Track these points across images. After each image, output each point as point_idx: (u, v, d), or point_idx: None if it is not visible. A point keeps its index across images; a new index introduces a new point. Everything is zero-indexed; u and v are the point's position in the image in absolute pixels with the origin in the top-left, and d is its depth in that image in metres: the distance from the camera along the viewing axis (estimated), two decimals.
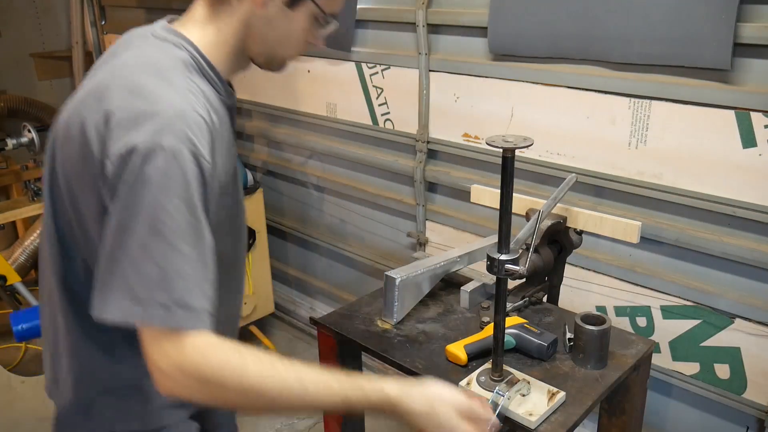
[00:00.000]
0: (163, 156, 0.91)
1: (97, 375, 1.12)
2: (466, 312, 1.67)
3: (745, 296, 1.83)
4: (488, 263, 1.22)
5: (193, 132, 0.95)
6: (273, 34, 1.13)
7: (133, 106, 0.94)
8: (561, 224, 1.64)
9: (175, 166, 0.91)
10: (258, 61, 1.19)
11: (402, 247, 2.75)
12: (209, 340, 0.93)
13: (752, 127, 1.68)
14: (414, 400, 1.04)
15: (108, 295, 0.91)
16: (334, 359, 1.64)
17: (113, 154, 0.92)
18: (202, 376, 0.92)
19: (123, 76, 0.99)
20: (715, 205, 1.79)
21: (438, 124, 2.41)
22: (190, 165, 0.93)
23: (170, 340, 0.91)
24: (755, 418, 1.89)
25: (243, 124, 3.31)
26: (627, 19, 1.78)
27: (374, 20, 2.50)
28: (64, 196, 1.03)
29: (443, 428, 1.05)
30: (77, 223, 1.03)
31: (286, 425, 2.71)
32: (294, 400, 0.97)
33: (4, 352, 3.26)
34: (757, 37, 1.61)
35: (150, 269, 0.90)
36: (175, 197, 0.91)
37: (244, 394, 0.95)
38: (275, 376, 0.96)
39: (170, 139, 0.92)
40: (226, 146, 1.12)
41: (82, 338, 1.10)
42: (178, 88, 0.99)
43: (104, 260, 0.93)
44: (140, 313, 0.90)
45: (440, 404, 1.06)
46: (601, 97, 1.93)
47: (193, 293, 0.92)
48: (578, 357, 1.42)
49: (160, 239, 0.90)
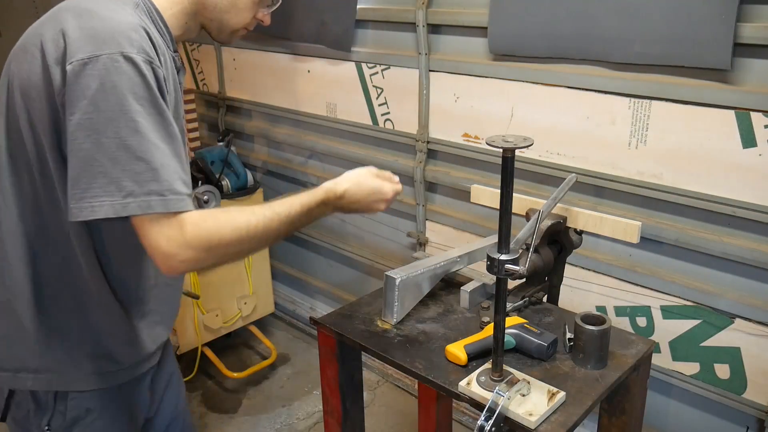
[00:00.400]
0: (126, 63, 0.99)
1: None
2: (466, 312, 1.67)
3: (745, 296, 1.83)
4: (488, 263, 1.22)
5: (146, 45, 1.04)
6: (223, 1, 1.23)
7: (89, 24, 1.03)
8: (561, 224, 1.64)
9: (136, 72, 1.00)
10: (210, 28, 1.28)
11: (402, 247, 2.75)
12: (197, 214, 1.05)
13: (752, 127, 1.68)
14: (341, 182, 1.28)
15: (91, 196, 0.99)
16: (334, 359, 1.64)
17: (73, 63, 0.99)
18: (206, 243, 1.04)
19: (77, 4, 1.08)
20: (715, 205, 1.79)
21: (438, 124, 2.41)
22: (149, 72, 1.02)
23: (170, 224, 1.02)
24: (755, 418, 1.89)
25: (243, 124, 3.32)
26: (627, 19, 1.78)
27: (374, 20, 2.50)
28: (18, 110, 1.09)
29: (372, 191, 1.32)
30: (30, 135, 1.09)
31: (286, 425, 2.71)
32: (275, 226, 1.14)
33: None
34: (757, 37, 1.61)
35: (136, 165, 0.99)
36: (143, 100, 1.01)
37: (240, 242, 1.09)
38: (256, 215, 1.11)
39: (129, 49, 1.01)
40: (174, 95, 1.17)
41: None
42: (128, 14, 1.08)
43: (79, 164, 0.99)
44: (136, 205, 0.99)
45: (362, 176, 1.32)
46: (601, 97, 1.93)
47: (177, 181, 1.03)
48: (578, 357, 1.42)
49: (139, 137, 0.99)
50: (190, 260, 1.04)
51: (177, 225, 1.02)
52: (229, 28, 1.28)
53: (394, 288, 1.58)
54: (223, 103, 3.36)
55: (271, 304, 3.18)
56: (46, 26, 1.07)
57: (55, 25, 1.05)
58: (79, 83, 0.99)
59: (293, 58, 2.87)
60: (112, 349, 1.25)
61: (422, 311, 1.66)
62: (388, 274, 1.59)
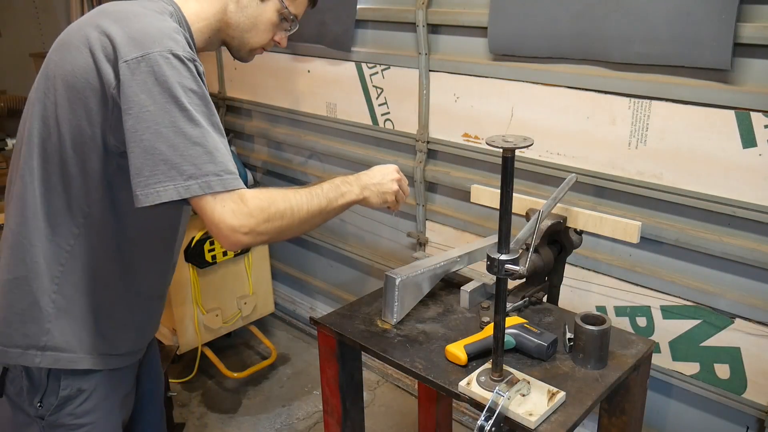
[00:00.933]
0: (175, 60, 1.09)
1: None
2: (466, 312, 1.67)
3: (745, 296, 1.83)
4: (488, 263, 1.22)
5: (188, 46, 1.15)
6: (244, 20, 1.34)
7: (135, 27, 1.12)
8: (561, 224, 1.64)
9: (184, 68, 1.10)
10: (231, 45, 1.38)
11: (402, 247, 2.75)
12: (251, 191, 1.16)
13: (752, 127, 1.68)
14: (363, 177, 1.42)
15: (156, 182, 1.08)
16: (334, 359, 1.64)
17: (128, 62, 1.08)
18: (266, 215, 1.15)
19: (115, 10, 1.18)
20: (715, 205, 1.79)
21: (438, 124, 2.41)
22: (194, 69, 1.13)
23: (232, 198, 1.11)
24: (755, 418, 1.89)
25: (243, 124, 3.31)
26: (627, 19, 1.78)
27: (374, 20, 2.50)
28: (59, 98, 1.17)
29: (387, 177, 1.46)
30: (67, 121, 1.17)
31: (286, 425, 2.71)
32: (317, 204, 1.25)
33: None
34: (757, 37, 1.61)
35: (194, 150, 1.09)
36: (192, 92, 1.10)
37: (292, 215, 1.20)
38: (301, 192, 1.24)
39: (176, 48, 1.10)
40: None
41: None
42: (166, 20, 1.18)
43: (142, 154, 1.08)
44: (198, 186, 1.09)
45: (381, 169, 1.48)
46: (601, 97, 1.93)
47: (229, 162, 1.13)
48: (578, 357, 1.42)
49: (194, 124, 1.09)
50: (254, 231, 1.14)
51: (238, 199, 1.12)
52: (248, 47, 1.38)
53: (394, 288, 1.58)
54: (223, 103, 3.36)
55: (271, 304, 3.18)
56: (87, 29, 1.15)
57: (97, 28, 1.14)
58: (135, 79, 1.08)
59: (293, 58, 2.87)
60: (115, 334, 1.31)
61: (422, 311, 1.66)
62: (388, 274, 1.59)
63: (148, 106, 1.07)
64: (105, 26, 1.13)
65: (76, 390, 1.28)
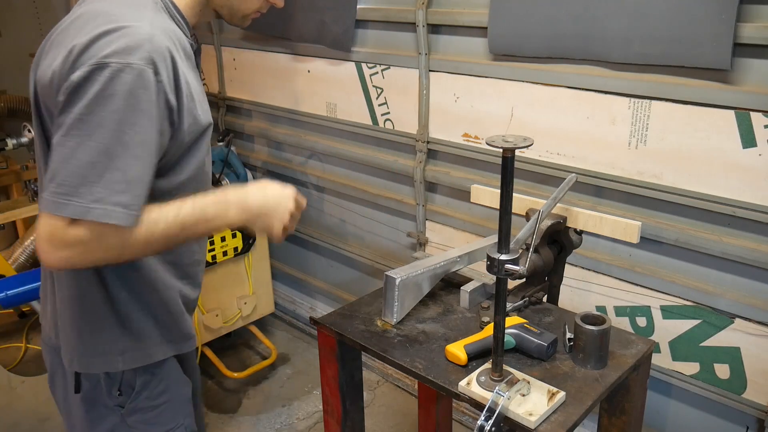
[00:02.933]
0: (129, 75, 1.02)
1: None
2: (466, 312, 1.67)
3: (745, 296, 1.83)
4: (488, 263, 1.22)
5: (157, 57, 1.06)
6: None
7: (103, 29, 1.06)
8: (561, 224, 1.64)
9: (138, 85, 1.03)
10: (222, 13, 1.33)
11: (402, 247, 2.75)
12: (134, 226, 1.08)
13: (752, 127, 1.68)
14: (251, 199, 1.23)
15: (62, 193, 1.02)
16: (334, 359, 1.64)
17: (82, 68, 1.03)
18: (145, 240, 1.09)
19: (96, 7, 1.13)
20: (715, 205, 1.79)
21: (438, 124, 2.41)
22: (152, 86, 1.05)
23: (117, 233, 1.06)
24: (755, 418, 1.89)
25: (243, 124, 3.31)
26: (627, 19, 1.78)
27: (374, 20, 2.50)
28: (38, 101, 1.16)
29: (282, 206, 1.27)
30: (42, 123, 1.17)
31: (286, 425, 2.71)
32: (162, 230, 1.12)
33: (4, 352, 3.26)
34: (757, 37, 1.61)
35: (113, 174, 1.03)
36: (139, 113, 1.04)
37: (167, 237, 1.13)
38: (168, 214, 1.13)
39: (137, 60, 1.03)
40: (194, 86, 1.22)
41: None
42: (146, 18, 1.11)
43: (60, 159, 1.02)
44: (101, 212, 1.02)
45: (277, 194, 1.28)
46: (601, 97, 1.93)
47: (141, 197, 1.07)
48: (578, 357, 1.42)
49: (122, 147, 1.03)
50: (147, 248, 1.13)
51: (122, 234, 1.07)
52: (240, 13, 1.33)
53: (394, 288, 1.58)
54: (223, 103, 3.36)
55: (271, 304, 3.18)
56: (71, 27, 1.13)
57: (77, 25, 1.11)
58: (83, 87, 1.02)
59: (293, 58, 2.87)
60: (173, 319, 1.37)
61: (422, 311, 1.66)
62: (388, 274, 1.59)
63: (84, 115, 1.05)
64: (82, 24, 1.11)
65: (150, 375, 1.34)
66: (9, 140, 2.99)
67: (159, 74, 1.06)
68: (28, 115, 4.06)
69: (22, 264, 3.69)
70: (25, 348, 3.27)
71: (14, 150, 3.05)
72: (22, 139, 3.00)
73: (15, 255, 3.69)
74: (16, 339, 3.36)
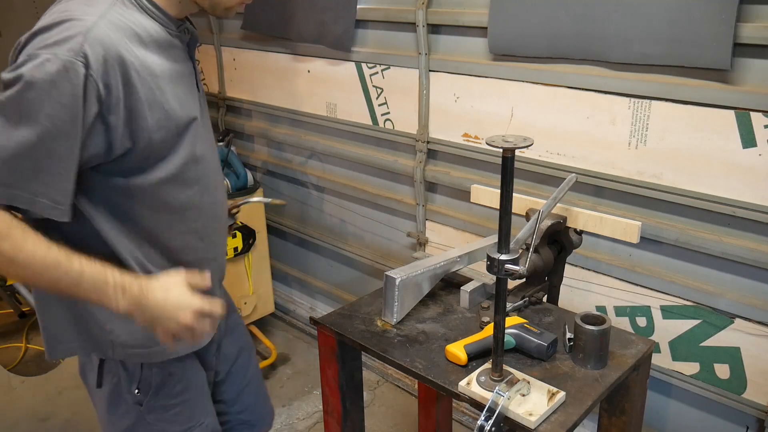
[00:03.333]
0: (55, 64, 1.01)
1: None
2: (466, 312, 1.67)
3: (745, 296, 1.83)
4: (488, 263, 1.22)
5: (91, 50, 1.05)
6: None
7: (47, 22, 1.06)
8: (561, 224, 1.64)
9: (63, 77, 1.02)
10: (203, 5, 1.26)
11: (402, 247, 2.75)
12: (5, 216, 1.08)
13: (752, 127, 1.68)
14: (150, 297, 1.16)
15: None
16: (334, 359, 1.64)
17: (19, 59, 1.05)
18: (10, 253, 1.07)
19: (60, 6, 1.12)
20: (715, 205, 1.79)
21: (438, 124, 2.41)
22: (79, 79, 1.03)
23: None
24: (755, 418, 1.89)
25: (243, 124, 3.31)
26: (627, 19, 1.78)
27: (374, 20, 2.50)
28: None
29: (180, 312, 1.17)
30: None
31: (286, 425, 2.71)
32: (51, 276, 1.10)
33: (4, 352, 3.26)
34: (757, 37, 1.61)
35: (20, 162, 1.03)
36: (57, 106, 1.02)
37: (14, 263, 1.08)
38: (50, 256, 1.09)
39: (65, 52, 1.02)
40: (166, 79, 1.19)
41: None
42: (96, 12, 1.09)
43: None
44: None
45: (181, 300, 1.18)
46: (601, 97, 1.93)
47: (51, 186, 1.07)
48: (578, 357, 1.42)
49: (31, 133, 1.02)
50: None
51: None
52: (222, 6, 1.27)
53: (394, 288, 1.58)
54: (223, 103, 3.36)
55: (271, 304, 3.18)
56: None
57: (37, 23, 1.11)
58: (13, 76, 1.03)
59: (293, 58, 2.87)
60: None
61: (422, 311, 1.66)
62: (388, 274, 1.59)
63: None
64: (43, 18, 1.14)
65: (167, 374, 1.38)
66: None
67: (90, 67, 1.04)
68: None
69: None
70: (25, 348, 3.27)
71: None
72: None
73: None
74: (16, 339, 3.36)
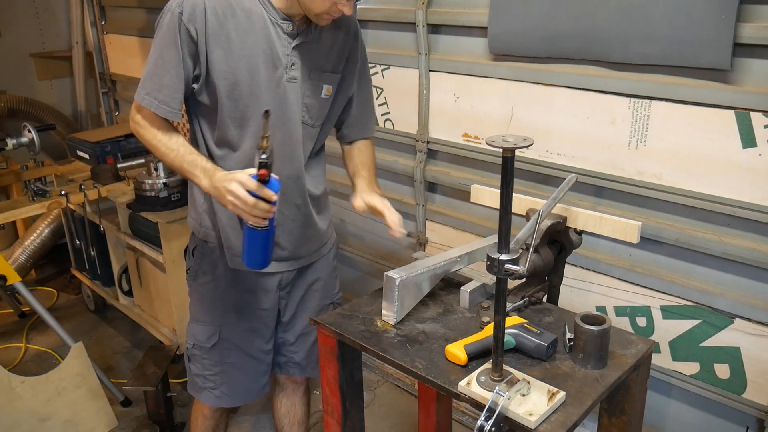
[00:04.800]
0: (169, 13, 1.52)
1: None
2: (466, 312, 1.67)
3: (745, 296, 1.83)
4: (488, 263, 1.22)
5: (186, 7, 1.50)
6: None
7: None
8: (561, 224, 1.64)
9: (172, 21, 1.51)
10: (304, 9, 1.52)
11: (402, 247, 2.75)
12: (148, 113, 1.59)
13: (752, 127, 1.68)
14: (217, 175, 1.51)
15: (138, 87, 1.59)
16: (334, 359, 1.64)
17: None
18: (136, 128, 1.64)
19: None
20: (715, 205, 1.79)
21: (438, 124, 2.41)
22: (176, 22, 1.51)
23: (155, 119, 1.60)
24: (755, 418, 1.89)
25: None
26: (627, 19, 1.78)
27: (374, 20, 2.50)
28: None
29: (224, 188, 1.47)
30: None
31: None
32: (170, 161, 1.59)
33: (4, 352, 3.26)
34: (757, 37, 1.61)
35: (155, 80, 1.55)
36: (168, 36, 1.52)
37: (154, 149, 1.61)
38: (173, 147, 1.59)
39: (175, 6, 1.51)
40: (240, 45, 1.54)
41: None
42: None
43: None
44: (147, 101, 1.57)
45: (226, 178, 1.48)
46: (601, 97, 1.93)
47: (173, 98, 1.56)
48: (578, 357, 1.42)
49: (163, 62, 1.54)
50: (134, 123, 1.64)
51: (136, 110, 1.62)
52: (312, 12, 1.51)
53: (394, 288, 1.58)
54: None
55: None
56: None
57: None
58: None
59: None
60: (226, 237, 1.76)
61: (422, 311, 1.66)
62: (388, 274, 1.59)
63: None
64: None
65: (200, 253, 1.79)
66: (9, 140, 2.98)
67: (183, 15, 1.50)
68: (28, 115, 4.06)
69: (21, 264, 3.70)
70: (25, 348, 3.28)
71: (14, 150, 3.04)
72: (22, 139, 2.99)
73: (15, 255, 3.69)
74: (16, 339, 3.36)
